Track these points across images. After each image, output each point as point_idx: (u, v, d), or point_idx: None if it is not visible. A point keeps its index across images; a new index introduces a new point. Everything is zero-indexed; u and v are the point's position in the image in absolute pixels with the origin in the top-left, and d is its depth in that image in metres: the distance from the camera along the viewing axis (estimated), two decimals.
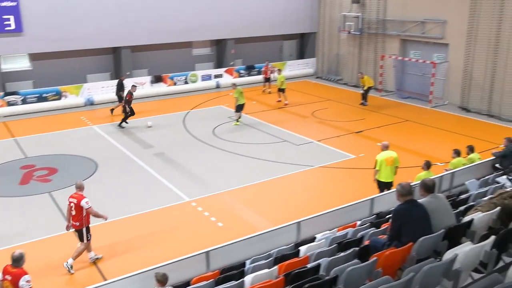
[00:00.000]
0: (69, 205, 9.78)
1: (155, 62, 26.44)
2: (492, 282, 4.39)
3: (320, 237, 8.09)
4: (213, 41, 28.58)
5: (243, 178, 14.33)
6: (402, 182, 6.39)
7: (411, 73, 24.69)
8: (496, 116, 20.57)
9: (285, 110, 22.40)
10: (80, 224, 9.78)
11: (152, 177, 14.59)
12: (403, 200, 6.19)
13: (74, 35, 22.96)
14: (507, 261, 5.85)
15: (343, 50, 28.72)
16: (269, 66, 26.21)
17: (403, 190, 6.18)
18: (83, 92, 23.68)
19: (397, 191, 6.29)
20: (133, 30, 24.47)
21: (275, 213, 12.04)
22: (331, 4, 28.95)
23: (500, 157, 11.46)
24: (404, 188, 6.19)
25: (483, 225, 6.40)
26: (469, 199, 8.69)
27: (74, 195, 9.80)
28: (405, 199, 6.17)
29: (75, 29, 22.93)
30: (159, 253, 10.06)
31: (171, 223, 11.77)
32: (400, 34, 24.87)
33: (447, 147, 13.86)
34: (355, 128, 19.17)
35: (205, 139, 18.07)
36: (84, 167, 15.38)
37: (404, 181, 6.79)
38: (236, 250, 7.90)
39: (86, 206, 9.65)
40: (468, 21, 21.23)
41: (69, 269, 9.69)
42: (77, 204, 9.66)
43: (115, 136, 18.57)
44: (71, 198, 9.80)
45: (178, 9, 25.55)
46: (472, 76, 21.65)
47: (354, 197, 11.15)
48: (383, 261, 5.58)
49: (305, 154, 16.47)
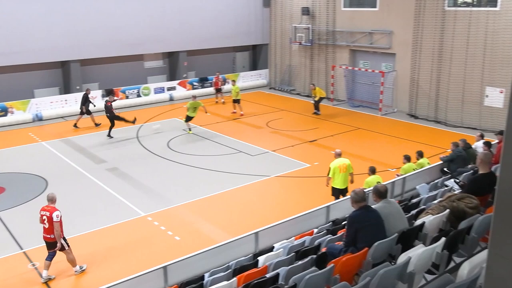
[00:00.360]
0: (41, 218, 9.70)
1: (106, 76, 25.92)
2: (444, 283, 4.54)
3: (278, 246, 8.12)
4: (165, 54, 28.37)
5: (199, 190, 14.23)
6: (355, 189, 6.52)
7: (361, 82, 25.36)
8: (442, 122, 21.41)
9: (239, 121, 22.46)
10: (54, 237, 9.65)
11: (106, 192, 14.24)
12: (357, 207, 6.31)
13: (21, 49, 22.23)
14: (457, 261, 6.04)
15: (295, 61, 29.17)
16: (219, 77, 26.37)
17: (357, 196, 6.31)
18: (31, 108, 22.91)
19: (351, 197, 6.42)
20: (82, 43, 23.94)
21: (233, 225, 12.00)
22: (281, 16, 29.39)
23: (448, 161, 11.90)
24: (358, 195, 6.31)
25: (434, 228, 6.60)
26: (420, 202, 8.94)
27: (46, 208, 9.70)
28: (359, 205, 6.29)
29: (21, 42, 22.20)
30: (115, 270, 9.81)
31: (127, 239, 11.51)
32: (349, 44, 25.52)
33: (398, 153, 14.27)
34: (309, 137, 19.45)
35: (159, 152, 17.84)
36: (33, 185, 14.83)
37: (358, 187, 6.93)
38: (194, 263, 7.81)
39: (55, 219, 9.55)
40: (413, 32, 22.07)
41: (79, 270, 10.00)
42: (50, 217, 9.57)
43: (65, 152, 18.03)
44: (43, 211, 9.71)
45: (129, 21, 25.21)
46: (419, 84, 22.47)
47: (310, 205, 11.28)
48: (340, 268, 5.66)
49: (261, 164, 16.55)
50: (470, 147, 12.38)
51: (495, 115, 19.50)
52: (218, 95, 26.27)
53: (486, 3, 19.58)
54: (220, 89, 26.37)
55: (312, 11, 27.04)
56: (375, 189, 6.67)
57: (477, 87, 20.17)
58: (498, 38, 19.10)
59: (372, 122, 21.96)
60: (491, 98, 19.76)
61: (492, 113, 19.64)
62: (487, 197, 7.14)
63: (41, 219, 9.69)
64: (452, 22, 20.60)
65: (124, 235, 11.71)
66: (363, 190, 6.53)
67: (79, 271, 10.02)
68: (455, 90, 20.96)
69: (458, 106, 20.87)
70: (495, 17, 19.09)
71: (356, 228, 6.14)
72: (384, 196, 6.59)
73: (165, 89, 27.16)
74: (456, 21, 20.42)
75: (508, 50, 18.77)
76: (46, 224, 9.62)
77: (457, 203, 6.75)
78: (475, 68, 20.11)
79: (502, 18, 18.83)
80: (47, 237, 9.73)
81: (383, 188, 6.66)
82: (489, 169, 7.16)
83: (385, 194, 6.61)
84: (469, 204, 6.66)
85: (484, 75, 19.78)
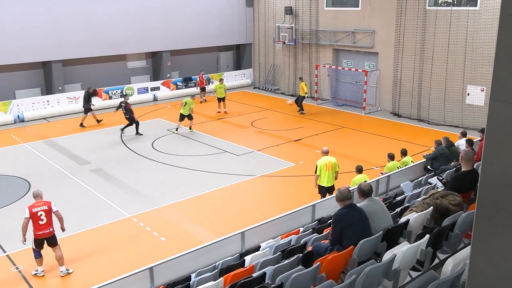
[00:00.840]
0: (36, 215, 9.46)
1: (88, 76, 25.65)
2: (428, 279, 4.60)
3: (264, 245, 8.15)
4: (148, 54, 28.20)
5: (184, 191, 14.18)
6: (340, 188, 6.61)
7: (345, 81, 25.51)
8: (425, 120, 21.65)
9: (224, 121, 22.43)
10: (53, 230, 9.69)
11: (90, 194, 14.11)
12: (342, 205, 6.39)
13: (1, 49, 21.89)
14: (441, 258, 6.13)
15: (278, 60, 29.23)
16: (203, 76, 26.49)
17: (341, 195, 6.40)
18: (12, 109, 22.59)
19: (336, 196, 6.52)
20: (64, 43, 23.66)
21: (219, 225, 11.99)
22: (265, 16, 29.41)
23: (431, 159, 12.05)
24: (342, 194, 6.40)
25: (418, 225, 6.68)
26: (404, 200, 9.04)
27: (39, 204, 9.61)
28: (344, 204, 6.37)
29: (1, 42, 21.86)
30: (101, 272, 9.73)
31: (112, 240, 11.42)
32: (332, 44, 25.65)
33: (382, 151, 14.40)
34: (293, 137, 19.51)
35: (144, 153, 17.74)
36: (16, 187, 14.62)
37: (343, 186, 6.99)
38: (180, 264, 7.79)
39: (54, 209, 9.65)
40: (395, 31, 22.27)
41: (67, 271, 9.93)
42: (49, 209, 9.57)
43: (48, 153, 17.81)
44: (37, 208, 9.52)
45: (111, 21, 24.99)
46: (402, 83, 22.69)
47: (296, 204, 11.32)
48: (326, 266, 5.70)
49: (246, 164, 16.55)
50: (453, 145, 12.55)
51: (476, 113, 19.78)
52: (202, 94, 26.36)
53: (466, 3, 19.86)
54: (205, 88, 26.49)
55: (295, 11, 27.11)
56: (359, 188, 6.77)
57: (458, 86, 20.44)
58: (478, 37, 19.38)
59: (356, 121, 22.11)
60: (472, 96, 20.04)
61: (474, 111, 19.92)
62: (470, 194, 7.25)
63: (36, 216, 9.46)
64: (433, 21, 20.84)
65: (110, 237, 11.62)
66: (347, 188, 6.61)
67: (65, 272, 9.92)
68: (437, 88, 21.21)
69: (440, 104, 21.13)
70: (475, 16, 19.37)
71: (341, 226, 6.20)
72: (368, 194, 6.68)
73: (148, 89, 27.00)
74: (437, 21, 20.67)
75: (488, 49, 19.05)
76: (44, 219, 9.49)
77: (440, 200, 6.84)
78: (456, 66, 20.38)
79: (482, 18, 19.10)
80: (46, 232, 9.58)
81: (367, 187, 6.75)
82: (472, 166, 7.26)
83: (369, 192, 6.69)
84: (452, 201, 6.75)
85: (466, 73, 20.06)
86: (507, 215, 2.63)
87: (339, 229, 6.23)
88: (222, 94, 23.46)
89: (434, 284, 4.35)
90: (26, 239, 9.62)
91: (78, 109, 23.82)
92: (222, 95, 23.48)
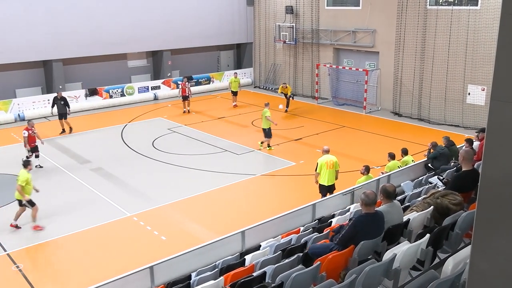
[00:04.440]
0: None
1: (89, 75, 25.66)
2: (429, 279, 4.60)
3: (264, 245, 8.14)
4: (149, 53, 28.20)
5: (185, 190, 14.18)
6: (366, 191, 6.07)
7: (346, 80, 25.49)
8: (426, 119, 21.64)
9: (224, 120, 22.43)
10: None
11: (91, 192, 14.12)
12: (365, 210, 5.99)
13: (1, 48, 21.89)
14: (442, 257, 6.12)
15: (279, 60, 29.21)
16: (186, 84, 23.59)
17: (368, 199, 5.94)
18: (13, 108, 22.60)
19: (361, 199, 6.06)
20: (65, 42, 23.66)
21: (219, 224, 11.99)
22: (265, 15, 29.40)
23: (431, 158, 12.04)
24: (369, 198, 5.94)
25: (418, 224, 6.67)
26: (405, 200, 9.03)
27: None
28: (368, 209, 5.97)
29: (2, 41, 21.86)
30: (101, 271, 9.73)
31: (113, 239, 11.43)
32: (333, 43, 25.64)
33: (383, 150, 14.39)
34: (294, 136, 19.51)
35: (145, 152, 17.74)
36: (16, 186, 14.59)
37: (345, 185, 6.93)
38: (181, 263, 7.79)
39: None
40: (396, 30, 22.26)
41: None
42: None
43: (48, 152, 17.80)
44: None
45: (112, 20, 24.99)
46: (402, 83, 22.67)
47: (296, 203, 11.33)
48: (326, 265, 5.69)
49: (247, 163, 16.55)
50: (453, 145, 12.53)
51: (477, 113, 19.77)
52: (185, 102, 23.61)
53: (467, 2, 19.83)
54: (187, 96, 23.55)
55: (296, 10, 27.10)
56: (383, 189, 6.37)
57: (459, 85, 20.43)
58: (479, 36, 19.36)
59: (356, 120, 22.10)
60: (473, 96, 20.03)
61: (475, 110, 19.91)
62: (470, 193, 7.23)
63: None
64: (434, 21, 20.82)
65: (110, 236, 11.63)
66: (374, 193, 6.08)
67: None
68: (438, 88, 21.19)
69: (441, 104, 21.11)
70: (476, 16, 19.35)
71: (357, 232, 5.93)
72: (391, 197, 6.32)
73: (149, 88, 27.01)
74: (438, 20, 20.65)
75: (489, 48, 19.03)
76: None
77: (441, 199, 6.82)
78: (457, 66, 20.36)
79: (483, 17, 19.08)
80: None
81: (392, 188, 6.33)
82: (472, 166, 7.25)
83: (393, 194, 6.34)
84: (452, 201, 6.74)
85: (466, 73, 20.04)
86: (507, 214, 2.63)
87: (353, 234, 5.92)
88: (236, 87, 24.42)
89: (435, 284, 4.35)
90: None
91: (79, 108, 23.89)
92: (236, 88, 24.44)
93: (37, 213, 11.86)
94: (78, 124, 21.21)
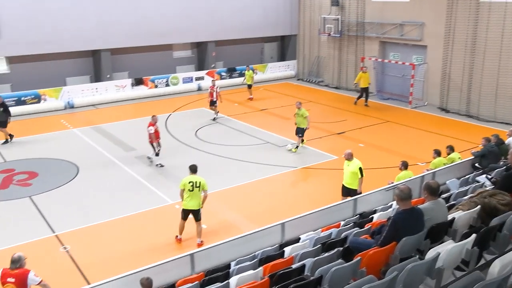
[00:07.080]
0: None
1: (135, 65, 26.24)
2: (474, 280, 4.47)
3: (304, 237, 8.13)
4: (193, 44, 28.51)
5: (226, 180, 14.31)
6: (400, 186, 6.08)
7: (391, 74, 24.98)
8: (474, 116, 20.93)
9: (267, 112, 22.44)
10: None
11: (135, 180, 14.48)
12: (403, 206, 5.92)
13: (53, 38, 22.67)
14: (488, 259, 5.95)
15: (323, 52, 28.91)
16: (214, 88, 20.59)
17: (403, 194, 5.88)
18: (63, 95, 23.40)
19: (395, 195, 6.02)
20: (113, 32, 24.25)
21: (259, 215, 12.05)
22: (310, 7, 29.13)
23: (479, 156, 11.66)
24: (404, 192, 5.89)
25: (464, 224, 6.49)
26: (450, 198, 8.81)
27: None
28: (405, 205, 5.90)
29: (53, 31, 22.63)
30: (142, 256, 9.98)
31: (154, 226, 11.69)
32: (379, 36, 25.14)
33: (428, 147, 14.05)
34: (337, 130, 19.31)
35: (187, 141, 18.00)
36: (65, 170, 15.18)
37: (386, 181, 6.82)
38: (220, 252, 7.89)
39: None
40: (445, 23, 21.58)
41: None
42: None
43: (96, 139, 18.36)
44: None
45: (158, 11, 25.42)
46: (451, 77, 22.00)
47: (337, 197, 11.25)
48: (367, 261, 5.63)
49: (288, 155, 16.52)
50: (503, 143, 12.08)
51: None
52: (213, 108, 20.85)
53: None
54: (215, 101, 20.65)
55: (341, 2, 26.70)
56: (426, 185, 6.25)
57: (511, 81, 19.64)
58: None
59: (401, 115, 21.64)
60: None
61: None
62: None
63: None
64: (487, 14, 20.05)
65: (151, 222, 11.90)
66: (409, 187, 6.02)
67: None
68: (489, 83, 20.44)
69: (491, 100, 20.36)
70: None
71: (397, 231, 5.83)
72: (436, 193, 6.20)
73: (193, 79, 27.33)
74: (491, 13, 19.87)
75: None
76: None
77: (489, 199, 6.62)
78: (510, 61, 19.56)
79: None
80: None
81: (435, 184, 6.22)
82: None
83: (436, 191, 6.22)
84: (501, 201, 6.53)
85: None
86: None
87: (394, 234, 5.83)
88: (249, 81, 24.67)
89: (480, 285, 4.23)
90: None
91: (126, 96, 24.48)
92: (249, 81, 24.64)
93: None
94: (124, 113, 21.74)
